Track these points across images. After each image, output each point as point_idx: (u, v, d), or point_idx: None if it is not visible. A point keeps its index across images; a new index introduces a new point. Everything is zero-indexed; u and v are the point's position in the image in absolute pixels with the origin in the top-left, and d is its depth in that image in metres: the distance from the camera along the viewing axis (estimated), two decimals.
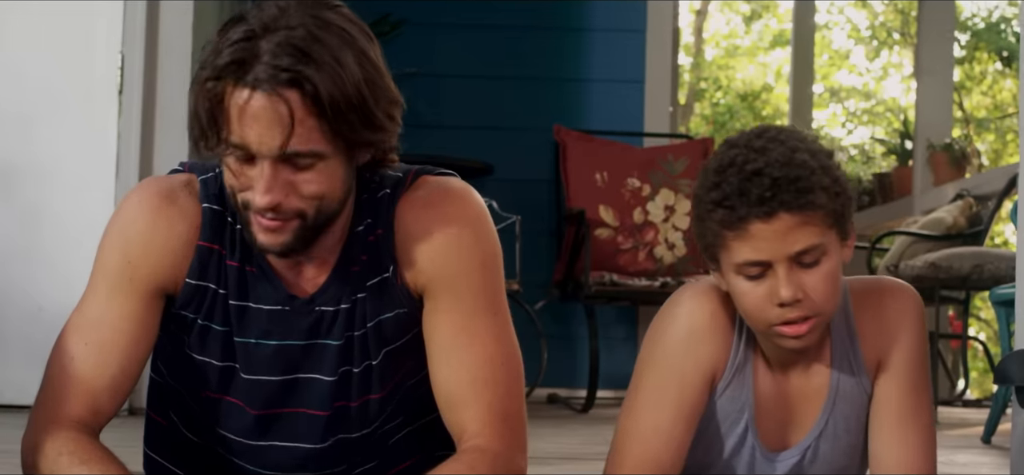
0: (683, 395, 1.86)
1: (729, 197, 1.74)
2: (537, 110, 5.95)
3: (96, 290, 1.86)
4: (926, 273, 5.51)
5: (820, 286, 1.76)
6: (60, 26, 4.44)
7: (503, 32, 6.00)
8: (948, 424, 5.26)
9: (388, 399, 1.94)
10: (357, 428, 1.94)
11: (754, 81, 17.26)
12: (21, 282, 4.34)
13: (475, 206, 1.90)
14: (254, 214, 1.76)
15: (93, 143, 4.43)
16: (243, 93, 1.70)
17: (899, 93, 16.68)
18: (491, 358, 1.85)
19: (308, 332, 1.88)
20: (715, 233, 1.77)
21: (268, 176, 1.72)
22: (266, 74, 1.69)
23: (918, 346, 1.89)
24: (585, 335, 5.48)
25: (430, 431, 1.99)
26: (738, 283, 1.79)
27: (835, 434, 1.90)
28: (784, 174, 1.73)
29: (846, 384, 1.89)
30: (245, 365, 1.89)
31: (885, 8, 16.24)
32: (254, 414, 1.92)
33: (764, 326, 1.80)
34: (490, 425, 1.82)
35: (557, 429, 4.44)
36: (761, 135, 1.79)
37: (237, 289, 1.87)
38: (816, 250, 1.75)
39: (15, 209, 4.39)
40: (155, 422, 2.06)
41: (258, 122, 1.70)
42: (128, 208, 1.87)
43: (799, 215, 1.73)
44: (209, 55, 1.73)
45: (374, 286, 1.87)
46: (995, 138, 14.90)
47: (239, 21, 1.73)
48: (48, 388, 1.83)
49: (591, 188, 5.60)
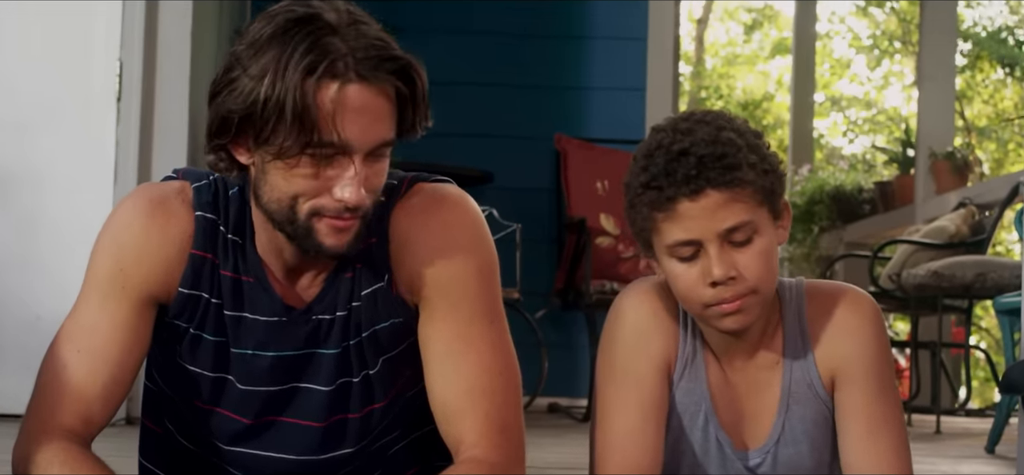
0: (643, 393, 1.86)
1: (656, 178, 1.75)
2: (537, 118, 5.94)
3: (89, 298, 1.83)
4: (929, 282, 5.49)
5: (752, 264, 1.76)
6: (58, 33, 4.42)
7: (503, 39, 5.98)
8: (951, 434, 5.24)
9: (389, 408, 1.92)
10: (355, 440, 1.91)
11: (755, 90, 17.25)
12: (18, 290, 4.31)
13: (470, 213, 1.88)
14: (325, 218, 1.72)
15: (91, 150, 4.41)
16: (346, 87, 1.66)
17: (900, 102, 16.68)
18: (488, 367, 1.83)
19: (305, 342, 1.86)
20: (646, 217, 1.78)
21: (361, 171, 1.70)
22: (370, 67, 1.67)
23: (878, 352, 1.88)
24: (586, 344, 5.46)
25: (428, 442, 1.97)
26: (672, 266, 1.79)
27: (794, 438, 1.89)
28: (710, 151, 1.74)
29: (799, 386, 1.88)
30: (240, 376, 1.87)
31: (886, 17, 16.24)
32: (247, 423, 1.90)
33: (699, 308, 1.80)
34: (487, 436, 1.80)
35: (558, 439, 4.42)
36: (688, 118, 1.80)
37: (232, 299, 1.84)
38: (746, 227, 1.76)
39: (12, 217, 4.36)
40: (150, 430, 2.04)
41: (362, 115, 1.68)
42: (121, 215, 1.85)
43: (726, 192, 1.74)
44: (283, 56, 1.66)
45: (369, 295, 1.85)
46: (996, 147, 14.90)
47: (303, 22, 1.67)
48: (39, 397, 1.81)
49: (592, 196, 5.59)
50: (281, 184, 1.71)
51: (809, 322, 1.88)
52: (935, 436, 5.10)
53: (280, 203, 1.73)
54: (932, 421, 5.48)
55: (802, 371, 1.88)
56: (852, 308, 1.88)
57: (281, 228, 1.76)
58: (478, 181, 5.48)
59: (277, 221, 1.75)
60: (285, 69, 1.65)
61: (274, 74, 1.65)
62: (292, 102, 1.65)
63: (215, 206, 1.83)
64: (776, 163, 1.79)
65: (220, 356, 1.86)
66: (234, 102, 1.69)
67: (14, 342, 4.27)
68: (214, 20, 5.00)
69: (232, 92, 1.69)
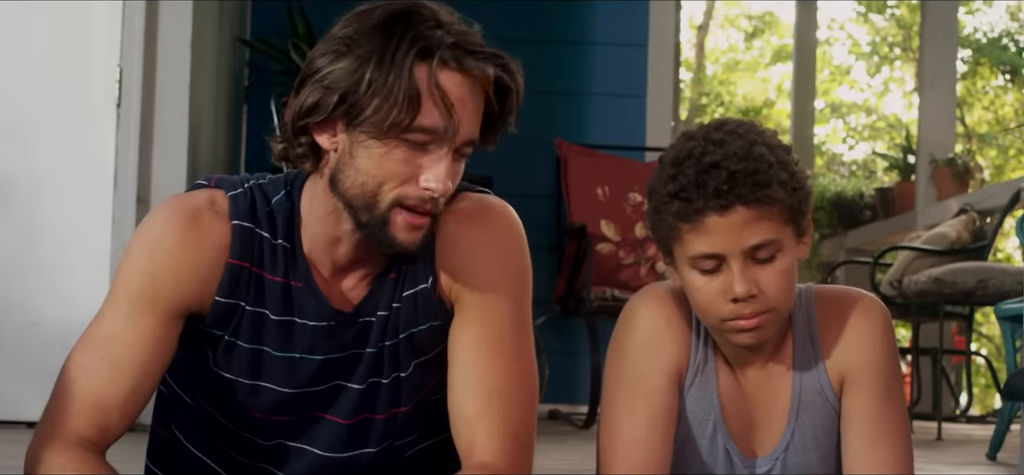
0: (652, 400, 1.84)
1: (686, 189, 1.73)
2: (538, 124, 5.92)
3: (116, 307, 1.81)
4: (930, 288, 5.49)
5: (774, 282, 1.75)
6: (58, 39, 4.42)
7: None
8: (952, 441, 5.24)
9: (413, 411, 1.93)
10: (378, 441, 1.92)
11: (755, 96, 17.25)
12: (17, 297, 4.29)
13: (514, 222, 1.92)
14: (404, 211, 1.74)
15: (91, 157, 4.40)
16: (455, 75, 1.72)
17: (900, 108, 16.68)
18: (511, 373, 1.84)
19: (351, 343, 1.87)
20: (670, 225, 1.76)
21: (449, 163, 1.74)
22: (478, 60, 1.73)
23: (887, 359, 1.87)
24: (586, 351, 5.45)
25: (445, 448, 1.97)
26: (692, 277, 1.78)
27: (804, 446, 1.88)
28: (742, 167, 1.72)
29: (809, 393, 1.87)
30: (282, 379, 1.87)
31: (886, 23, 16.24)
32: (279, 421, 1.90)
33: (716, 321, 1.78)
34: (499, 442, 1.80)
35: (558, 445, 4.41)
36: (719, 128, 1.78)
37: (281, 305, 1.84)
38: (772, 245, 1.74)
39: (12, 223, 4.35)
40: (158, 435, 2.03)
41: (465, 106, 1.72)
42: (154, 227, 1.83)
43: (755, 209, 1.72)
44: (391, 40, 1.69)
45: (411, 296, 1.86)
46: (997, 154, 14.89)
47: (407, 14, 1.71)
48: (57, 401, 1.79)
49: (592, 202, 5.58)
50: (370, 168, 1.73)
51: (819, 328, 1.87)
52: (936, 443, 5.10)
53: (364, 187, 1.74)
54: (933, 428, 5.48)
55: (812, 378, 1.87)
56: (863, 313, 1.87)
57: (357, 215, 1.76)
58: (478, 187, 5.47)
59: (355, 208, 1.75)
60: (396, 51, 1.69)
61: (383, 55, 1.69)
62: (404, 82, 1.68)
63: (253, 214, 1.83)
64: (804, 180, 1.78)
65: (255, 361, 1.86)
66: (336, 80, 1.71)
67: (13, 348, 4.26)
68: (214, 27, 5.00)
69: (333, 73, 1.71)
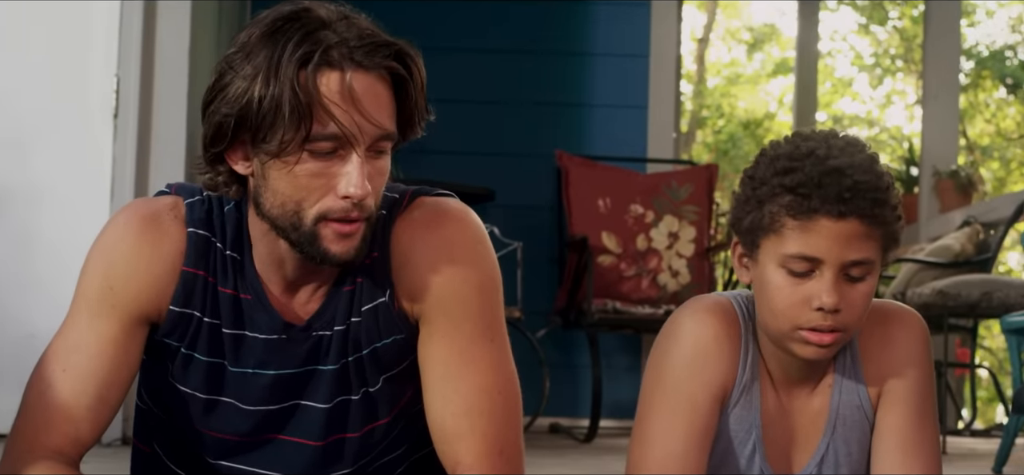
0: (694, 419, 1.79)
1: (804, 185, 1.70)
2: (539, 135, 5.91)
3: (77, 316, 1.79)
4: (934, 301, 5.46)
5: (858, 302, 1.74)
6: (55, 48, 4.40)
7: (505, 56, 5.95)
8: (957, 454, 5.20)
9: (393, 425, 1.88)
10: (353, 460, 1.87)
11: (756, 109, 17.23)
12: (13, 308, 4.27)
13: (473, 228, 1.83)
14: (331, 222, 1.67)
15: (88, 167, 4.38)
16: (342, 75, 1.63)
17: (903, 121, 16.67)
18: (488, 387, 1.78)
19: (305, 359, 1.82)
20: (774, 216, 1.72)
21: (362, 165, 1.65)
22: (365, 53, 1.64)
23: (924, 375, 1.85)
24: (588, 363, 5.42)
25: (432, 463, 1.92)
26: (776, 275, 1.74)
27: (837, 460, 1.86)
28: (866, 180, 1.70)
29: (847, 407, 1.85)
30: (238, 395, 1.82)
31: (888, 35, 16.23)
32: (242, 441, 1.86)
33: (789, 328, 1.74)
34: (485, 458, 1.76)
35: (559, 459, 4.38)
36: (835, 136, 1.75)
37: (232, 318, 1.80)
38: (867, 265, 1.73)
39: (8, 233, 4.33)
40: (139, 451, 2.00)
41: (360, 103, 1.64)
42: (112, 231, 1.80)
43: (867, 226, 1.71)
44: (275, 52, 1.63)
45: (371, 310, 1.80)
46: (999, 166, 14.87)
47: (292, 19, 1.65)
48: (25, 417, 1.77)
49: (594, 214, 5.55)
50: (284, 188, 1.67)
51: (860, 341, 1.85)
52: (942, 456, 5.06)
53: (284, 208, 1.68)
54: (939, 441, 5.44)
55: (852, 391, 1.85)
56: (904, 327, 1.86)
57: (286, 236, 1.71)
58: (479, 199, 5.44)
59: (281, 228, 1.70)
60: (279, 63, 1.62)
61: (268, 70, 1.62)
62: (289, 95, 1.62)
63: (209, 222, 1.79)
64: (902, 213, 1.77)
65: (213, 376, 1.82)
66: (229, 105, 1.65)
67: (9, 360, 4.22)
68: (212, 36, 4.97)
69: (226, 96, 1.65)
